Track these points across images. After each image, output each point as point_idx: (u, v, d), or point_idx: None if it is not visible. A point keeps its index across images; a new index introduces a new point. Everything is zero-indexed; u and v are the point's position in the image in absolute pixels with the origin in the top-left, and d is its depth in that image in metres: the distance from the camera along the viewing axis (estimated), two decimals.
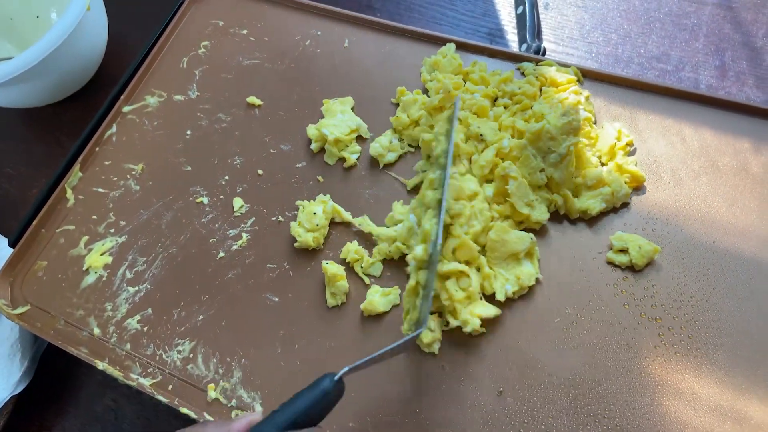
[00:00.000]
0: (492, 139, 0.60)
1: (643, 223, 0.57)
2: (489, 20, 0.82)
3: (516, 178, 0.56)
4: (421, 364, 0.54)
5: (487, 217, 0.56)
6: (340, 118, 0.65)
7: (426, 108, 0.63)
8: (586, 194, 0.58)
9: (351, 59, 0.72)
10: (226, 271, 0.61)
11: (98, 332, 0.59)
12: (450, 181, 0.56)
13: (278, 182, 0.65)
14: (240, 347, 0.56)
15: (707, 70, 0.73)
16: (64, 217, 0.66)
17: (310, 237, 0.59)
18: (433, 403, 0.52)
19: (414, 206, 0.59)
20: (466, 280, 0.53)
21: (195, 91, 0.73)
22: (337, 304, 0.57)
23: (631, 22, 0.78)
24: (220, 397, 0.54)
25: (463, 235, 0.54)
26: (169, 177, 0.67)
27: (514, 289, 0.54)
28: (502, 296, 0.54)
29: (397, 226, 0.59)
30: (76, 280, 0.62)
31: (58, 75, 0.76)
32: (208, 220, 0.64)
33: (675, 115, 0.61)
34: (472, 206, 0.56)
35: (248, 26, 0.77)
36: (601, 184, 0.58)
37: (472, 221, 0.55)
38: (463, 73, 0.66)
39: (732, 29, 0.76)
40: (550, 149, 0.57)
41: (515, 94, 0.63)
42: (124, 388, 0.63)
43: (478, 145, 0.61)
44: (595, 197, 0.57)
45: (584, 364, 0.51)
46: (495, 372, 0.52)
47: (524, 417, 0.50)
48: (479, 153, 0.60)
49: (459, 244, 0.54)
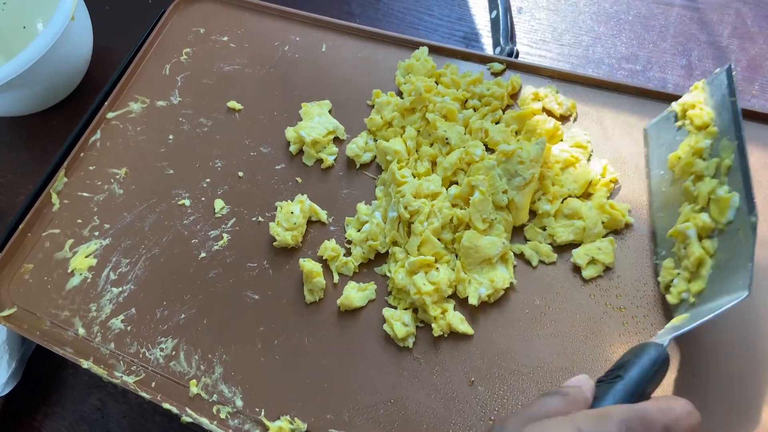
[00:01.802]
0: (457, 143, 0.62)
1: None
2: (465, 24, 0.85)
3: (483, 192, 0.57)
4: (396, 356, 0.55)
5: (446, 215, 0.58)
6: (318, 121, 0.67)
7: (398, 109, 0.66)
8: (560, 221, 0.59)
9: (329, 64, 0.74)
10: (208, 271, 0.62)
11: (83, 332, 0.60)
12: (410, 180, 0.59)
13: (258, 184, 0.67)
14: (221, 344, 0.58)
15: (674, 70, 0.75)
16: (50, 221, 0.67)
17: (289, 236, 0.61)
18: (407, 393, 0.54)
19: (378, 205, 0.61)
20: (434, 273, 0.55)
21: (177, 97, 0.75)
22: (314, 300, 0.59)
23: (601, 24, 0.81)
24: (202, 392, 0.56)
25: (426, 231, 0.56)
26: (151, 180, 0.69)
27: (488, 293, 0.55)
28: (476, 301, 0.55)
29: (364, 227, 0.61)
30: (61, 282, 0.63)
31: (44, 83, 0.78)
32: (189, 222, 0.66)
33: (638, 113, 0.64)
34: (432, 204, 0.58)
35: (229, 33, 0.79)
36: (578, 216, 0.58)
37: (432, 219, 0.57)
38: (436, 75, 0.68)
39: (698, 29, 0.78)
40: (517, 173, 0.58)
41: (484, 95, 0.65)
42: (111, 388, 0.65)
43: (443, 148, 0.63)
44: (566, 227, 0.58)
45: (552, 353, 0.53)
46: (467, 362, 0.54)
47: (495, 405, 0.52)
48: (444, 156, 0.62)
49: (422, 240, 0.56)
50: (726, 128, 0.53)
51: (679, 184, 0.56)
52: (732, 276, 0.47)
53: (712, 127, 0.54)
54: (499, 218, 0.58)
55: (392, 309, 0.57)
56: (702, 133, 0.55)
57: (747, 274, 0.45)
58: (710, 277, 0.50)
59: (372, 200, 0.64)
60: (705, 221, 0.51)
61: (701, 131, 0.55)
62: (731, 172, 0.51)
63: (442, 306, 0.56)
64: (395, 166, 0.61)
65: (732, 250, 0.48)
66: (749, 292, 0.44)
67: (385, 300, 0.58)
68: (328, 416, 0.53)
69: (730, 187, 0.50)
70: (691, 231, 0.52)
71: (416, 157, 0.64)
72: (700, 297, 0.50)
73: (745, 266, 0.46)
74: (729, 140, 0.52)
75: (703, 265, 0.50)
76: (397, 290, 0.58)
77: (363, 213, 0.62)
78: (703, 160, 0.54)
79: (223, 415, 0.54)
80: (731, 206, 0.49)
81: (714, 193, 0.51)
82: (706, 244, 0.51)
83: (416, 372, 0.54)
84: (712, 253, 0.50)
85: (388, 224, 0.60)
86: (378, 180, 0.65)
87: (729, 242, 0.49)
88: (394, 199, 0.59)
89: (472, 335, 0.55)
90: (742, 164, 0.50)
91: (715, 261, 0.50)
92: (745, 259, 0.46)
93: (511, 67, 0.69)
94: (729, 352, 0.52)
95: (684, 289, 0.51)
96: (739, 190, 0.49)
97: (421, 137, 0.65)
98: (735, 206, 0.49)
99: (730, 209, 0.49)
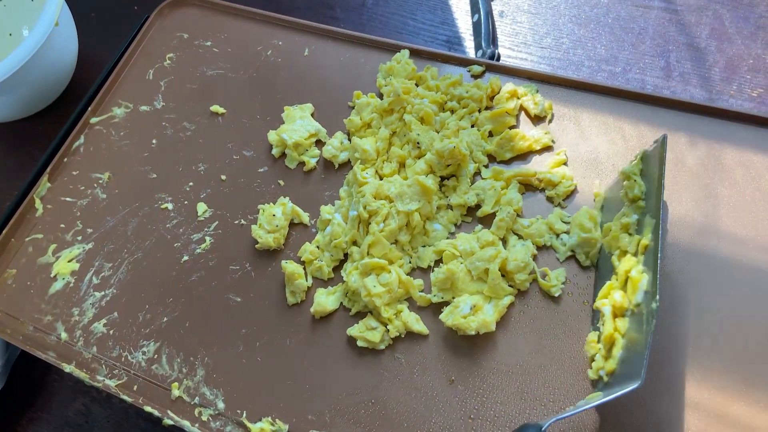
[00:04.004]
0: (427, 147, 0.63)
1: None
2: (447, 29, 0.85)
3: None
4: (377, 356, 0.56)
5: (402, 216, 0.58)
6: (300, 124, 0.68)
7: (377, 111, 0.66)
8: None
9: (311, 67, 0.74)
10: (190, 274, 0.63)
11: (65, 336, 0.60)
12: (372, 181, 0.60)
13: (241, 187, 0.67)
14: (203, 346, 0.58)
15: (653, 71, 0.76)
16: (33, 226, 0.67)
17: (271, 238, 0.61)
18: (389, 393, 0.54)
19: (340, 205, 0.62)
20: (386, 276, 0.56)
21: (160, 102, 0.75)
22: (296, 302, 0.59)
23: (581, 27, 0.82)
24: (184, 395, 0.56)
25: (377, 233, 0.56)
26: (135, 185, 0.69)
27: (464, 314, 0.54)
28: (448, 321, 0.55)
29: (326, 229, 0.62)
30: (44, 287, 0.63)
31: (29, 89, 0.78)
32: (172, 226, 0.66)
33: (615, 113, 0.64)
34: (390, 206, 0.59)
35: (212, 38, 0.79)
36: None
37: (389, 220, 0.58)
38: (417, 77, 0.69)
39: (676, 31, 0.79)
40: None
41: (463, 97, 0.66)
42: (95, 393, 0.65)
43: (412, 150, 0.64)
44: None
45: (531, 351, 0.54)
46: (447, 362, 0.55)
47: (474, 403, 0.52)
48: (413, 159, 0.63)
49: (373, 240, 0.57)
50: (651, 204, 0.51)
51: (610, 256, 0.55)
52: (633, 360, 0.45)
53: (641, 201, 0.53)
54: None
55: (354, 326, 0.57)
56: (633, 206, 0.54)
57: (641, 364, 0.43)
58: (620, 359, 0.48)
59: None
60: (617, 300, 0.49)
61: (633, 204, 0.54)
62: (647, 252, 0.50)
63: (396, 307, 0.57)
64: (358, 166, 0.62)
65: (636, 333, 0.47)
66: (641, 382, 0.42)
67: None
68: (309, 417, 0.54)
69: (644, 267, 0.49)
70: (606, 308, 0.50)
71: (384, 158, 0.65)
72: (613, 377, 0.48)
73: (641, 354, 0.44)
74: (650, 217, 0.50)
75: (615, 345, 0.49)
76: (351, 292, 0.58)
77: (326, 212, 0.62)
78: (629, 235, 0.53)
79: (205, 418, 0.55)
80: (640, 288, 0.48)
81: (630, 272, 0.50)
82: (619, 323, 0.49)
83: (397, 372, 0.55)
84: (623, 333, 0.48)
85: (348, 224, 0.60)
86: (345, 180, 0.66)
87: (637, 324, 0.47)
88: (355, 199, 0.60)
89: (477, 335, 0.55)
90: (655, 245, 0.48)
91: (626, 341, 0.48)
92: (643, 345, 0.44)
93: (490, 69, 0.70)
94: None
95: (601, 366, 0.50)
96: (650, 272, 0.47)
97: (396, 138, 0.66)
98: (643, 288, 0.47)
99: (639, 291, 0.48)
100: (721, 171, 0.60)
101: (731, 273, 0.55)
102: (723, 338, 0.52)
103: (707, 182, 0.59)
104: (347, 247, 0.60)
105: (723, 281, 0.55)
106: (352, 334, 0.56)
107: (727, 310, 0.53)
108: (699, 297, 0.54)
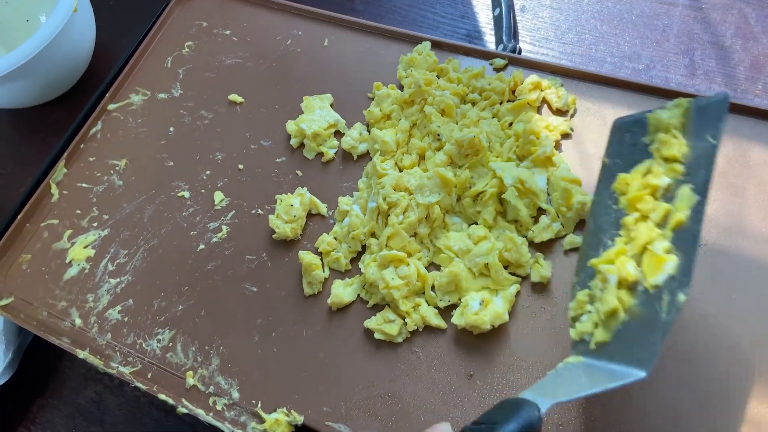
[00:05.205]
0: (448, 139, 0.62)
1: None
2: (467, 22, 0.84)
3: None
4: (394, 349, 0.55)
5: (422, 208, 0.58)
6: (319, 114, 0.67)
7: (397, 102, 0.66)
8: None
9: (331, 58, 0.74)
10: (206, 263, 0.62)
11: (80, 323, 0.60)
12: (392, 172, 0.60)
13: (258, 176, 0.67)
14: (218, 336, 0.58)
15: (677, 69, 0.75)
16: (49, 211, 0.67)
17: (288, 228, 0.61)
18: (406, 387, 0.53)
19: (359, 197, 0.62)
20: (404, 269, 0.55)
21: (178, 90, 0.74)
22: (313, 293, 0.58)
23: (604, 23, 0.81)
24: (198, 384, 0.55)
25: (396, 225, 0.56)
26: (151, 172, 0.69)
27: (475, 311, 0.53)
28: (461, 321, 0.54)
29: (344, 221, 0.61)
30: (59, 273, 0.63)
31: (46, 76, 0.77)
32: (189, 214, 0.65)
33: (641, 109, 0.63)
34: (410, 198, 0.58)
35: (231, 27, 0.79)
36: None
37: (409, 212, 0.57)
38: (438, 70, 0.68)
39: (701, 29, 0.78)
40: None
41: (485, 89, 0.65)
42: (107, 381, 0.65)
43: (433, 143, 0.63)
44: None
45: (550, 347, 0.53)
46: (465, 357, 0.54)
47: (494, 399, 0.52)
48: (433, 151, 0.63)
49: (392, 232, 0.56)
50: (694, 173, 0.43)
51: (620, 213, 0.47)
52: (637, 346, 0.40)
53: (679, 164, 0.44)
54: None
55: (371, 318, 0.56)
56: (666, 166, 0.45)
57: (652, 354, 0.39)
58: (617, 332, 0.43)
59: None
60: (629, 273, 0.43)
61: (666, 163, 0.45)
62: (680, 230, 0.42)
63: (414, 301, 0.56)
64: (378, 157, 0.61)
65: (648, 317, 0.41)
66: (646, 373, 0.38)
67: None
68: (324, 409, 0.53)
69: (672, 246, 0.42)
70: (612, 276, 0.44)
71: (404, 150, 0.64)
72: (601, 349, 0.43)
73: (654, 344, 0.39)
74: (692, 190, 0.42)
75: (614, 319, 0.43)
76: (368, 284, 0.57)
77: (344, 204, 0.62)
78: (654, 199, 0.45)
79: (219, 407, 0.54)
80: (664, 270, 0.41)
81: (651, 244, 0.43)
82: (624, 296, 0.43)
83: (414, 365, 0.54)
84: (627, 308, 0.43)
85: (367, 215, 0.60)
86: (363, 171, 0.65)
87: (649, 307, 0.41)
88: (374, 190, 0.59)
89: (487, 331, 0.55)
90: (694, 228, 0.41)
91: (628, 317, 0.42)
92: (658, 336, 0.39)
93: (513, 63, 0.69)
94: None
95: (589, 331, 0.45)
96: (682, 256, 0.41)
97: (417, 130, 0.65)
98: (668, 272, 0.41)
99: (661, 272, 0.41)
100: (748, 169, 0.59)
101: (758, 273, 0.54)
102: (747, 340, 0.51)
103: (733, 181, 0.58)
104: (365, 238, 0.60)
105: (749, 281, 0.54)
106: (369, 326, 0.55)
107: (755, 310, 0.52)
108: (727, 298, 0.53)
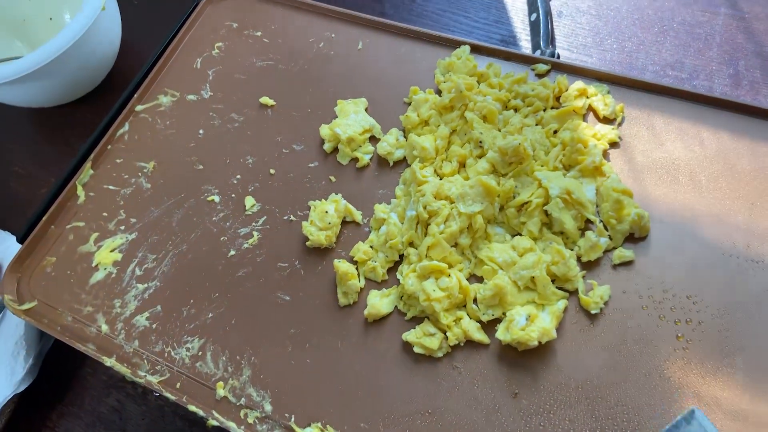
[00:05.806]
0: (490, 146, 0.60)
1: (663, 227, 0.57)
2: (502, 27, 0.82)
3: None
4: (433, 364, 0.53)
5: (464, 218, 0.56)
6: (354, 118, 0.65)
7: (436, 107, 0.63)
8: None
9: (365, 61, 0.72)
10: (237, 270, 0.60)
11: (106, 329, 0.58)
12: (432, 180, 0.58)
13: (290, 182, 0.65)
14: (250, 345, 0.55)
15: (721, 79, 0.73)
16: (75, 213, 0.65)
17: (323, 235, 0.58)
18: (446, 404, 0.51)
19: (396, 204, 0.59)
20: (445, 280, 0.53)
21: (208, 91, 0.73)
22: (348, 303, 0.56)
23: (645, 31, 0.78)
24: (229, 395, 0.53)
25: (437, 235, 0.53)
26: (180, 175, 0.67)
27: (521, 327, 0.51)
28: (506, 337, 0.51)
29: (381, 229, 0.59)
30: (84, 277, 0.61)
31: (70, 75, 0.76)
32: (219, 219, 0.63)
33: (692, 118, 0.61)
34: (451, 207, 0.56)
35: (262, 28, 0.77)
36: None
37: (450, 222, 0.55)
38: (477, 74, 0.66)
39: (745, 39, 0.76)
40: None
41: (528, 95, 0.63)
42: (130, 389, 0.62)
43: (474, 150, 0.61)
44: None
45: (601, 367, 0.50)
46: (509, 374, 0.51)
47: (540, 420, 0.49)
48: (474, 158, 0.60)
49: (433, 242, 0.54)
50: None
51: None
52: None
53: None
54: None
55: (410, 331, 0.54)
56: None
57: None
58: None
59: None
60: None
61: None
62: None
63: (456, 314, 0.54)
64: (417, 164, 0.59)
65: None
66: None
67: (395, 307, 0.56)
68: (361, 425, 0.51)
69: None
70: None
71: (444, 157, 0.62)
72: None
73: None
74: None
75: None
76: (407, 296, 0.55)
77: (380, 211, 0.60)
78: None
79: (251, 420, 0.52)
80: None
81: None
82: None
83: (456, 382, 0.52)
84: None
85: (406, 224, 0.57)
86: (400, 178, 0.63)
87: None
88: (414, 198, 0.57)
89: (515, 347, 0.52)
90: None
91: None
92: None
93: (556, 68, 0.66)
94: None
95: None
96: None
97: (456, 136, 0.63)
98: None
99: None
100: None
101: None
102: None
103: None
104: (403, 248, 0.57)
105: None
106: (408, 339, 0.53)
107: None
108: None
